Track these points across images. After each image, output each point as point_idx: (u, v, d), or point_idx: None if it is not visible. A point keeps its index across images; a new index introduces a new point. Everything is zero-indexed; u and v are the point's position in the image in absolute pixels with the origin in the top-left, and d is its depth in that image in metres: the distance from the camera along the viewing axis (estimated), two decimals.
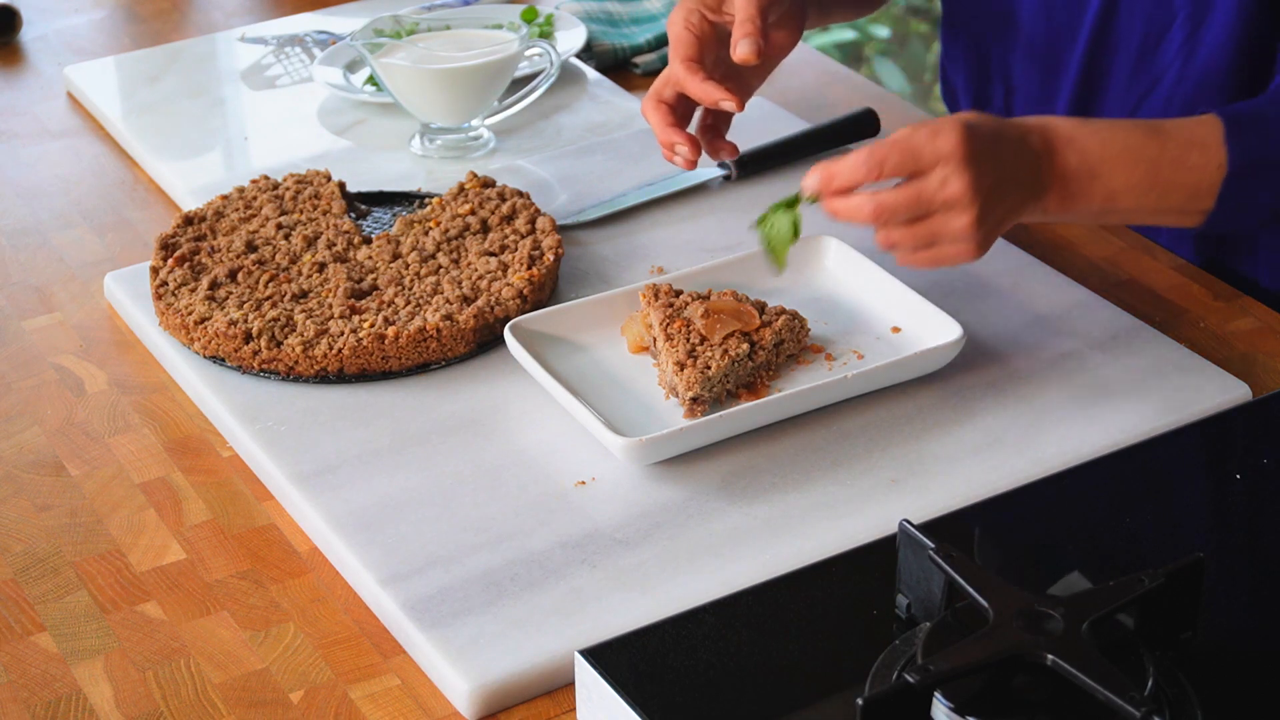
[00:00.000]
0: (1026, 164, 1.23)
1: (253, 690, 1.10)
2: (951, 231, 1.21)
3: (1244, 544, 1.13)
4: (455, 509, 1.21)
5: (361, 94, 1.73)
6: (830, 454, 1.25)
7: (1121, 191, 1.26)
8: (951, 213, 1.20)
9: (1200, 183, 1.27)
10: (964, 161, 1.19)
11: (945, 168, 1.19)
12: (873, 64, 3.65)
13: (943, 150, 1.19)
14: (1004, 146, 1.22)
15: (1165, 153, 1.26)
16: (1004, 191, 1.22)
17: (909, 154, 1.19)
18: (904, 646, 1.00)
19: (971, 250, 1.22)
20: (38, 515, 1.25)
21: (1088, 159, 1.25)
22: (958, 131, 1.19)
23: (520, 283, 1.38)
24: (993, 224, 1.22)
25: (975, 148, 1.20)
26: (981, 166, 1.20)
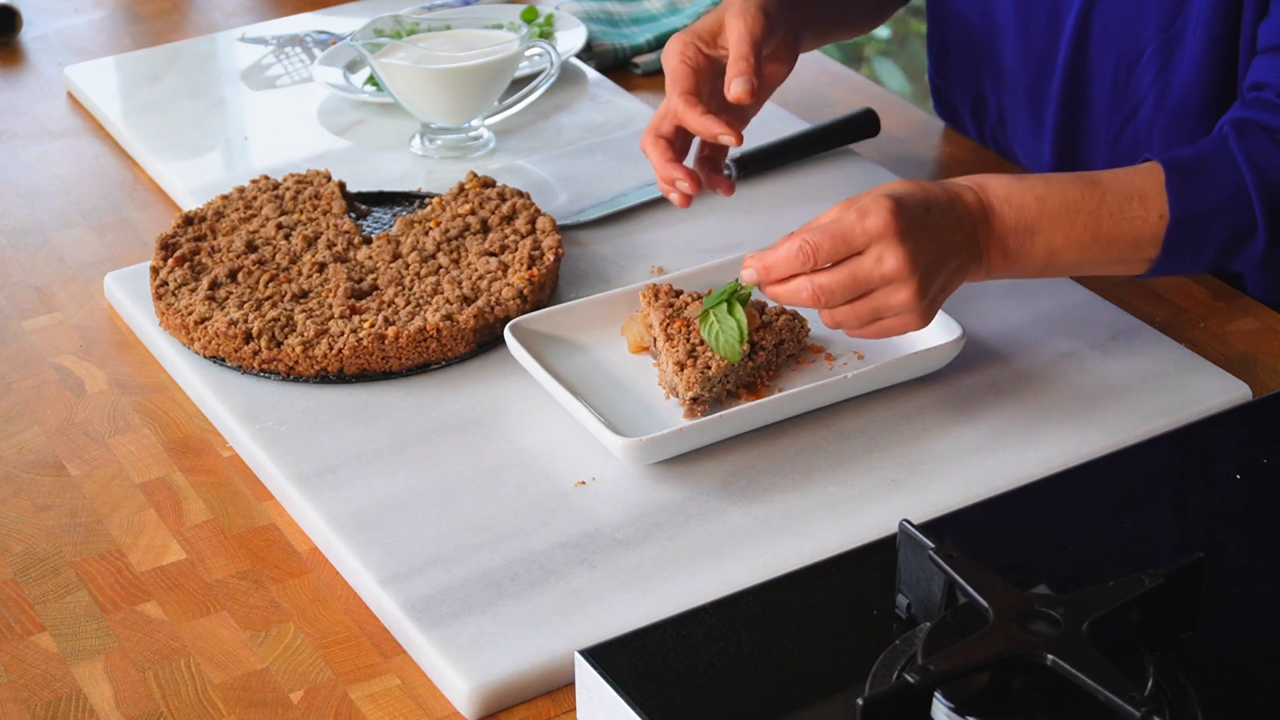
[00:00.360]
0: (961, 228, 1.24)
1: (253, 690, 1.10)
2: (894, 306, 1.22)
3: (1244, 544, 1.13)
4: (455, 509, 1.21)
5: (361, 94, 1.73)
6: (830, 454, 1.25)
7: (1063, 247, 1.26)
8: (891, 288, 1.21)
9: (1142, 233, 1.28)
10: (897, 238, 1.20)
11: (879, 246, 1.20)
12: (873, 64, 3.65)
13: (873, 230, 1.20)
14: (935, 215, 1.23)
15: (1104, 205, 1.27)
16: (941, 260, 1.23)
17: (840, 239, 1.20)
18: (904, 646, 1.00)
19: (916, 321, 1.23)
20: (38, 515, 1.25)
21: (1025, 216, 1.25)
22: (887, 209, 1.20)
23: (520, 283, 1.38)
24: (935, 292, 1.23)
25: (906, 223, 1.20)
26: (917, 240, 1.21)
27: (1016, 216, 1.25)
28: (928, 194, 1.23)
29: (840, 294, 1.21)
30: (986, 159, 1.67)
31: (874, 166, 1.61)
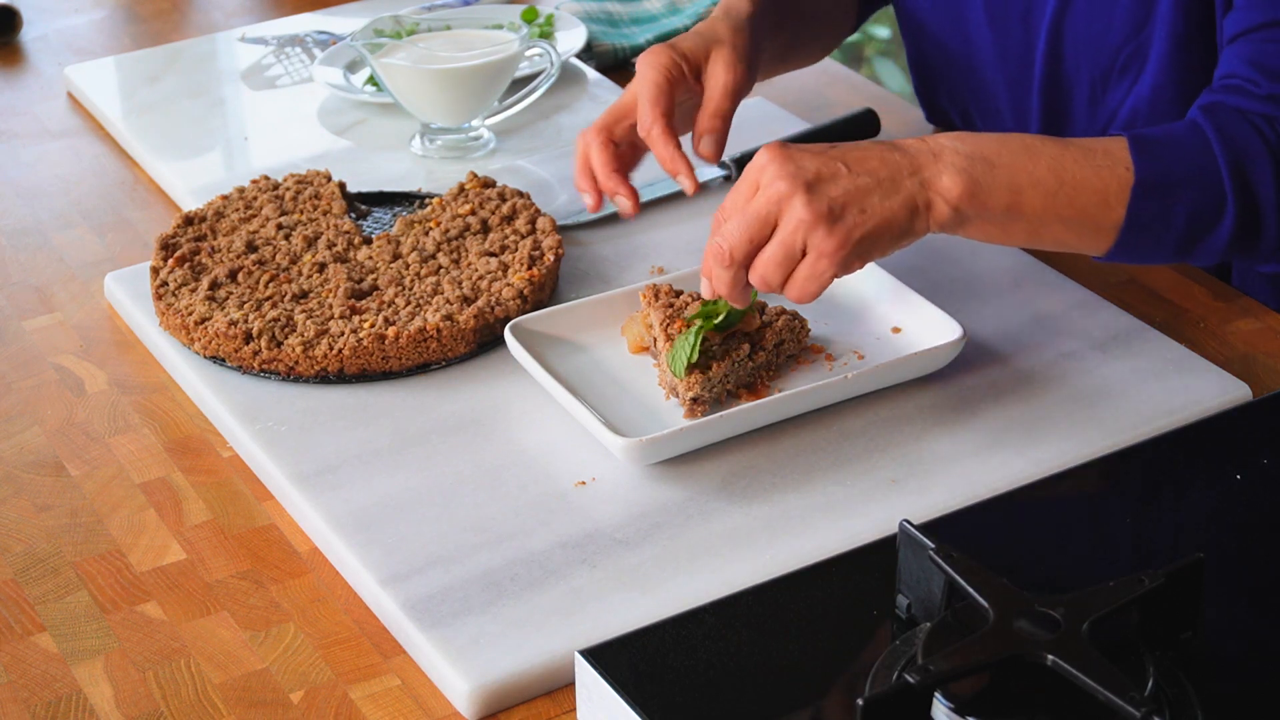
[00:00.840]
0: (879, 155, 1.21)
1: (253, 690, 1.10)
2: (794, 226, 1.18)
3: (1244, 544, 1.13)
4: (455, 509, 1.21)
5: (362, 94, 1.73)
6: (830, 454, 1.25)
7: (1027, 186, 1.22)
8: (784, 209, 1.19)
9: (1109, 185, 1.24)
10: (778, 161, 1.20)
11: (764, 178, 1.20)
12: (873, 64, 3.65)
13: (757, 165, 1.21)
14: (840, 150, 1.21)
15: (1067, 152, 1.24)
16: (844, 177, 1.19)
17: (735, 192, 1.21)
18: (904, 647, 1.00)
19: (830, 240, 1.18)
20: (38, 515, 1.25)
21: (982, 147, 1.22)
22: (767, 148, 1.21)
23: (520, 283, 1.38)
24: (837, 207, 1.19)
25: (788, 151, 1.20)
26: (800, 161, 1.19)
27: (972, 146, 1.22)
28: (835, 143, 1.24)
29: (740, 235, 1.20)
30: None
31: None
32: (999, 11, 1.52)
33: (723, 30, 1.38)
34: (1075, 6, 1.45)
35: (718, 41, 1.36)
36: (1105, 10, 1.44)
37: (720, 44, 1.36)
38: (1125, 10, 1.42)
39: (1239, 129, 1.28)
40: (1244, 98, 1.30)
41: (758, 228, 1.20)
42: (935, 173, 1.21)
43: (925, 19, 1.61)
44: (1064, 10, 1.46)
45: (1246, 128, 1.28)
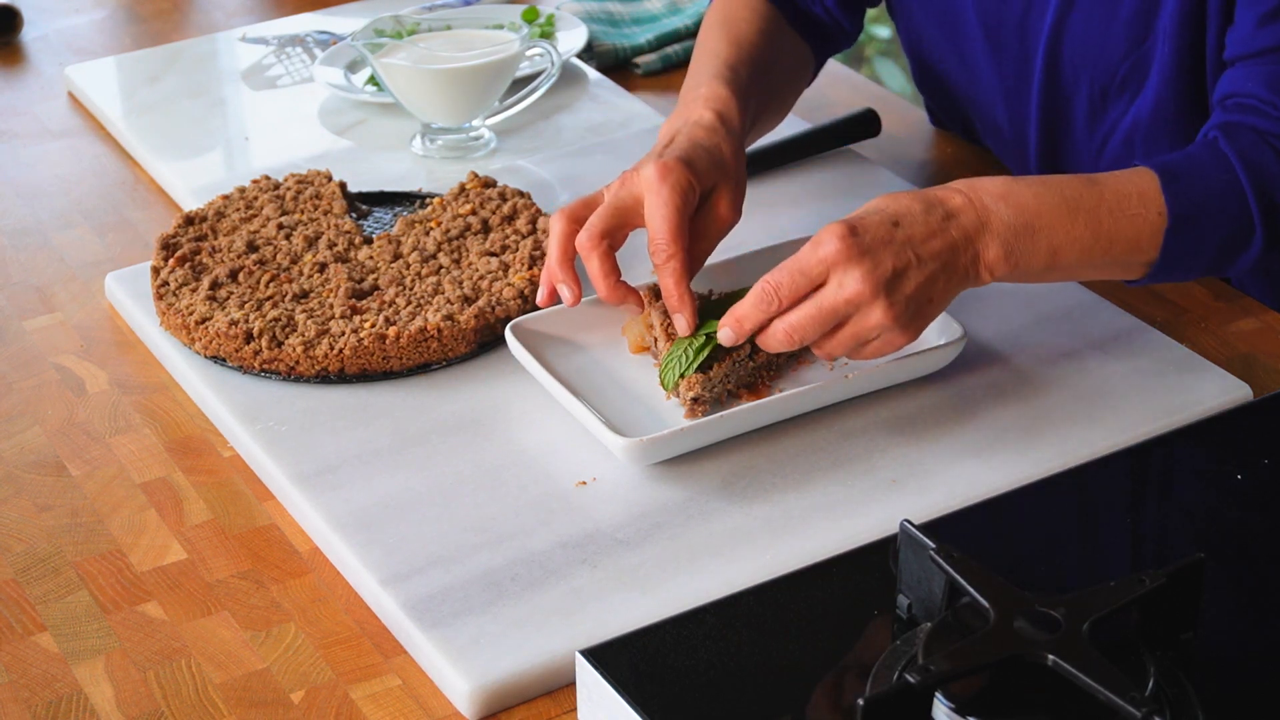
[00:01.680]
0: (941, 234, 1.22)
1: (253, 690, 1.10)
2: (871, 327, 1.21)
3: (1244, 544, 1.13)
4: (456, 509, 1.21)
5: (362, 94, 1.73)
6: (831, 454, 1.25)
7: (1065, 245, 1.25)
8: (861, 312, 1.20)
9: (1142, 231, 1.26)
10: (852, 260, 1.19)
11: (837, 273, 1.19)
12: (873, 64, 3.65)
13: (828, 258, 1.19)
14: (904, 228, 1.21)
15: (1103, 202, 1.26)
16: (914, 271, 1.20)
17: (798, 274, 1.20)
18: (905, 647, 1.00)
19: (900, 337, 1.22)
20: (38, 515, 1.25)
21: (1024, 214, 1.24)
22: (838, 234, 1.19)
23: (521, 283, 1.38)
24: (915, 305, 1.21)
25: (861, 243, 1.19)
26: (876, 257, 1.19)
27: (1015, 214, 1.24)
28: (899, 206, 1.22)
29: (813, 329, 1.20)
30: (988, 159, 1.67)
31: (874, 166, 1.61)
32: (995, 26, 1.51)
33: (727, 153, 1.33)
34: (1073, 20, 1.45)
35: (725, 173, 1.32)
36: (1103, 24, 1.43)
37: (727, 178, 1.32)
38: (1124, 24, 1.42)
39: (1261, 154, 1.29)
40: (1262, 119, 1.31)
41: (833, 322, 1.21)
42: (984, 245, 1.23)
43: (922, 34, 1.61)
44: (1062, 24, 1.46)
45: (1269, 152, 1.29)
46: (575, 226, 1.30)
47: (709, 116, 1.35)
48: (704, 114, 1.35)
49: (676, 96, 1.76)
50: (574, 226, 1.30)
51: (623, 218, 1.29)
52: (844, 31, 1.59)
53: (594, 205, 1.31)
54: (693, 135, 1.33)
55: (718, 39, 1.47)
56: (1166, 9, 1.38)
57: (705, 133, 1.33)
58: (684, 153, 1.29)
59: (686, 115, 1.36)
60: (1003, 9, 1.49)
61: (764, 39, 1.49)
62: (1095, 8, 1.43)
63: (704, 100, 1.37)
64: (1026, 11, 1.48)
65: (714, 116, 1.35)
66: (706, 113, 1.35)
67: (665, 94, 1.79)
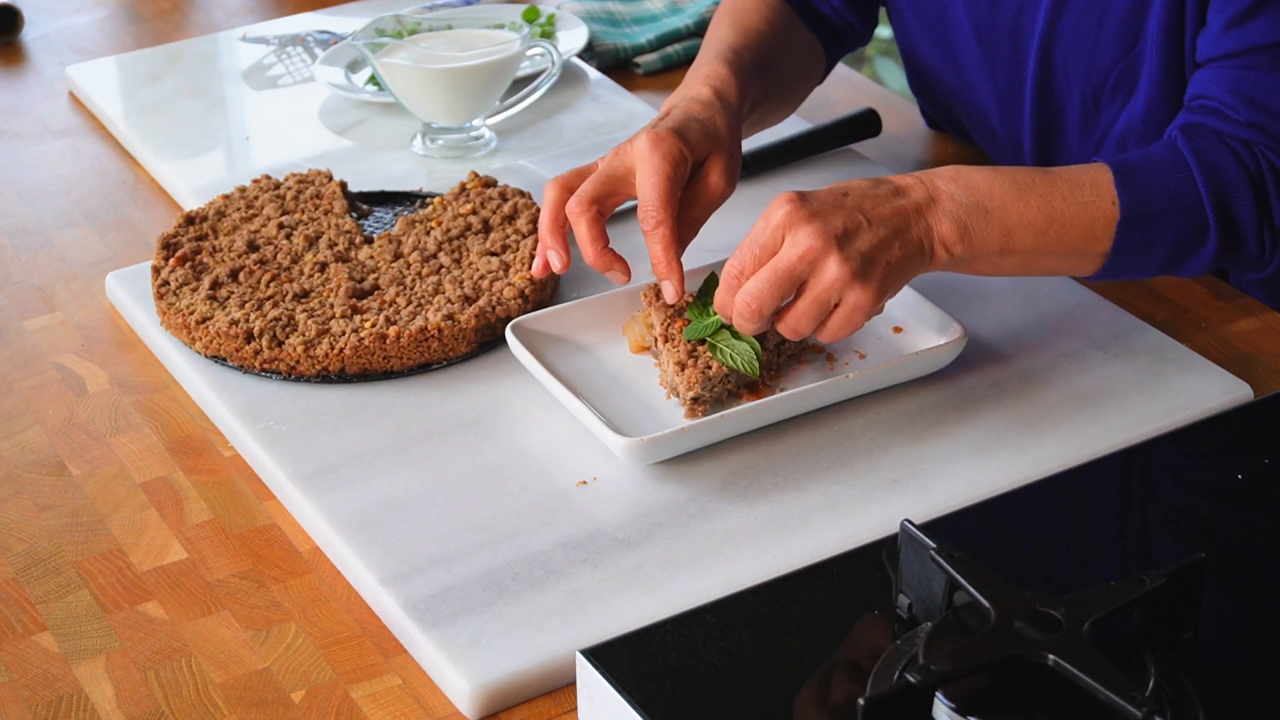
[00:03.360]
0: (889, 203, 1.23)
1: (254, 690, 1.10)
2: (828, 284, 1.20)
3: (1244, 544, 1.13)
4: (457, 509, 1.21)
5: (363, 94, 1.74)
6: (831, 454, 1.25)
7: (1017, 227, 1.25)
8: (816, 268, 1.20)
9: (1095, 220, 1.27)
10: (802, 218, 1.20)
11: (790, 234, 1.20)
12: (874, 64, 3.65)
13: (780, 221, 1.20)
14: (854, 196, 1.22)
15: (1056, 188, 1.26)
16: (866, 231, 1.21)
17: (756, 247, 1.21)
18: (905, 646, 1.00)
19: (863, 293, 1.20)
20: (39, 515, 1.25)
21: (975, 194, 1.24)
22: (786, 199, 1.21)
23: (522, 282, 1.38)
24: (868, 261, 1.20)
25: (810, 205, 1.21)
26: (825, 216, 1.20)
27: (966, 193, 1.24)
28: (846, 184, 1.24)
29: (771, 293, 1.20)
30: (985, 160, 1.67)
31: (875, 166, 1.61)
32: (987, 31, 1.52)
33: (721, 126, 1.34)
34: (1064, 26, 1.45)
35: (719, 144, 1.33)
36: (1094, 30, 1.43)
37: (720, 148, 1.33)
38: (1114, 29, 1.42)
39: (1218, 155, 1.29)
40: (1222, 121, 1.31)
41: (790, 285, 1.21)
42: (935, 219, 1.24)
43: (916, 39, 1.61)
44: (1053, 29, 1.46)
45: (1225, 153, 1.29)
46: (566, 194, 1.32)
47: (706, 92, 1.37)
48: (701, 90, 1.38)
49: None
50: (565, 194, 1.32)
51: (613, 186, 1.31)
52: (855, 31, 1.60)
53: (586, 174, 1.33)
54: (688, 109, 1.35)
55: (725, 27, 1.49)
56: (1154, 15, 1.38)
57: (701, 107, 1.35)
58: (677, 124, 1.32)
59: (685, 92, 1.39)
60: (994, 14, 1.50)
61: (771, 29, 1.51)
62: (1086, 13, 1.43)
63: (704, 78, 1.39)
64: (1018, 16, 1.48)
65: (711, 92, 1.37)
66: (704, 89, 1.38)
67: (666, 94, 1.78)
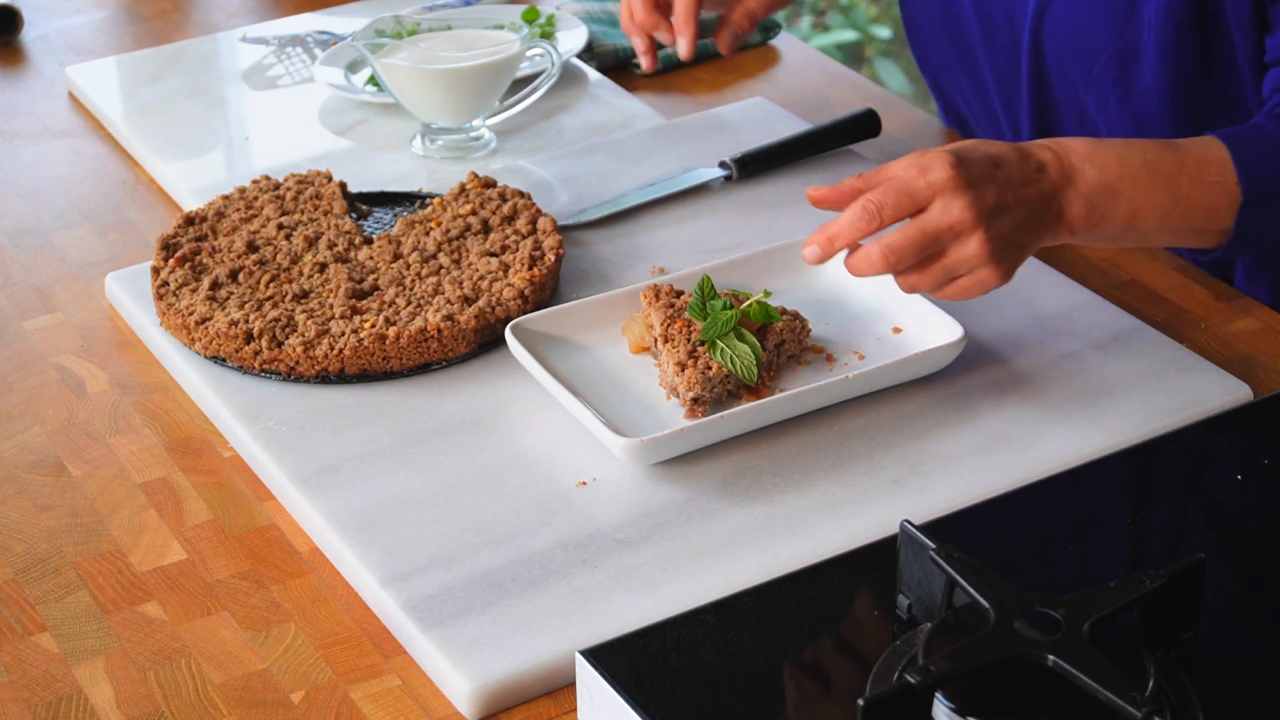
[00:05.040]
0: (1033, 183, 1.23)
1: (254, 690, 1.10)
2: (966, 259, 1.21)
3: (1245, 544, 1.13)
4: (456, 509, 1.21)
5: (363, 94, 1.73)
6: (831, 454, 1.25)
7: (1144, 209, 1.26)
8: (960, 240, 1.20)
9: (1219, 200, 1.28)
10: (961, 188, 1.20)
11: (943, 198, 1.20)
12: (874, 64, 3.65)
13: (937, 183, 1.20)
14: (1005, 168, 1.22)
15: (1183, 168, 1.27)
16: (1012, 211, 1.22)
17: (904, 194, 1.20)
18: (905, 647, 1.00)
19: (993, 273, 1.22)
20: (39, 515, 1.25)
21: (1108, 175, 1.25)
22: (949, 161, 1.20)
23: (521, 283, 1.38)
24: (1009, 244, 1.22)
25: (969, 172, 1.20)
26: (980, 189, 1.20)
27: (1099, 175, 1.25)
28: (996, 149, 1.24)
29: (911, 252, 1.20)
30: None
31: (875, 167, 1.61)
32: (986, 14, 1.53)
33: None
34: (1054, 9, 1.46)
35: None
36: (1085, 14, 1.44)
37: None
38: (1106, 14, 1.42)
39: None
40: None
41: (931, 249, 1.21)
42: (1068, 201, 1.24)
43: (921, 24, 1.61)
44: (1043, 12, 1.46)
45: None
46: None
47: None
48: None
49: (676, 97, 1.77)
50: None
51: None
52: None
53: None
54: None
55: None
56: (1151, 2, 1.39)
57: None
58: None
59: None
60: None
61: None
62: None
63: None
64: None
65: None
66: None
67: (665, 94, 1.79)
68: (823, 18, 3.73)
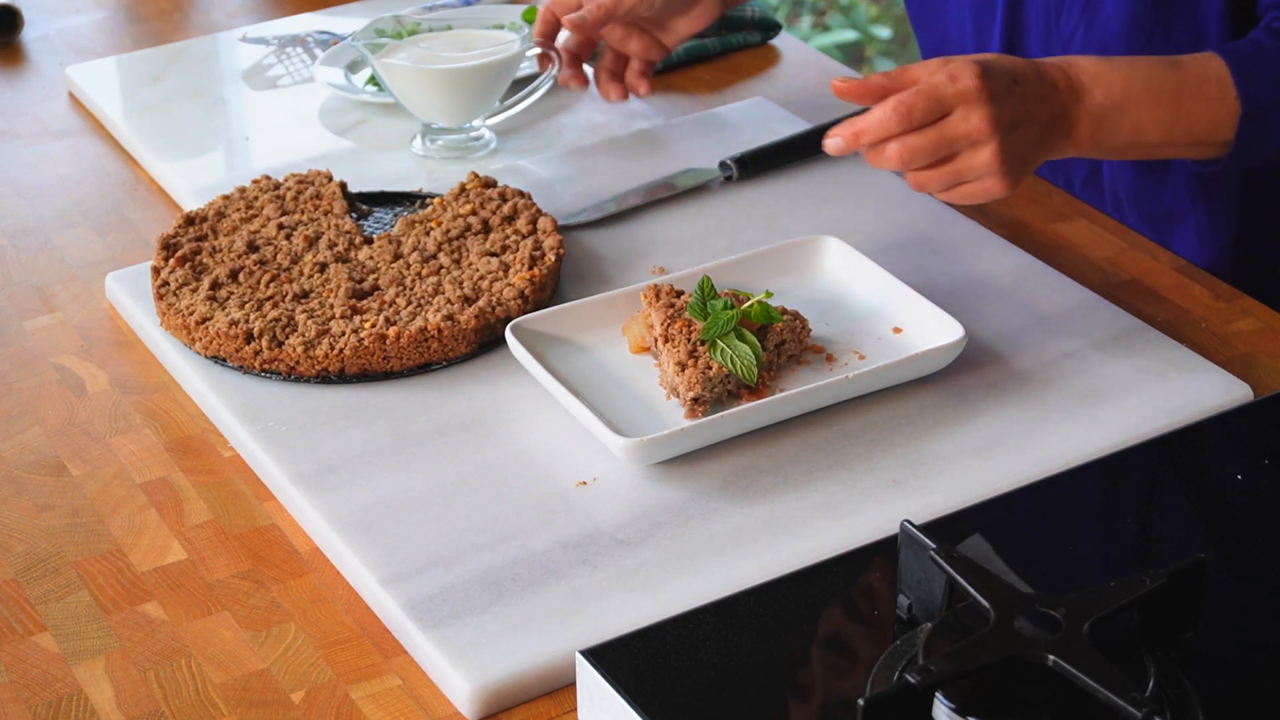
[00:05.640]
0: (1046, 102, 1.28)
1: (254, 690, 1.10)
2: (976, 166, 1.26)
3: (1245, 544, 1.13)
4: (456, 509, 1.21)
5: (363, 94, 1.73)
6: (831, 454, 1.25)
7: (1149, 125, 1.31)
8: (974, 148, 1.25)
9: (1219, 115, 1.32)
10: (984, 98, 1.24)
11: (966, 105, 1.24)
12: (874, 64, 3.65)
13: (963, 90, 1.24)
14: (1023, 85, 1.27)
15: (1185, 85, 1.32)
16: (1025, 127, 1.26)
17: (934, 99, 1.24)
18: (905, 647, 1.00)
19: (999, 183, 1.27)
20: (39, 515, 1.25)
21: (1113, 95, 1.30)
22: (975, 72, 1.25)
23: (521, 283, 1.38)
24: (1017, 158, 1.26)
25: (994, 85, 1.25)
26: (1000, 103, 1.25)
27: (1105, 95, 1.30)
28: (1015, 65, 1.28)
29: (926, 154, 1.25)
30: None
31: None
32: None
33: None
34: None
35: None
36: None
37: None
38: None
39: None
40: None
41: (945, 152, 1.25)
42: (1076, 118, 1.30)
43: None
44: None
45: None
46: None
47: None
48: None
49: (677, 96, 1.76)
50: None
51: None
52: None
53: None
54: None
55: None
56: None
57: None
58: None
59: None
60: None
61: None
62: None
63: None
64: None
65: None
66: None
67: (665, 94, 1.79)
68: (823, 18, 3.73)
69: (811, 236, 1.42)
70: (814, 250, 1.42)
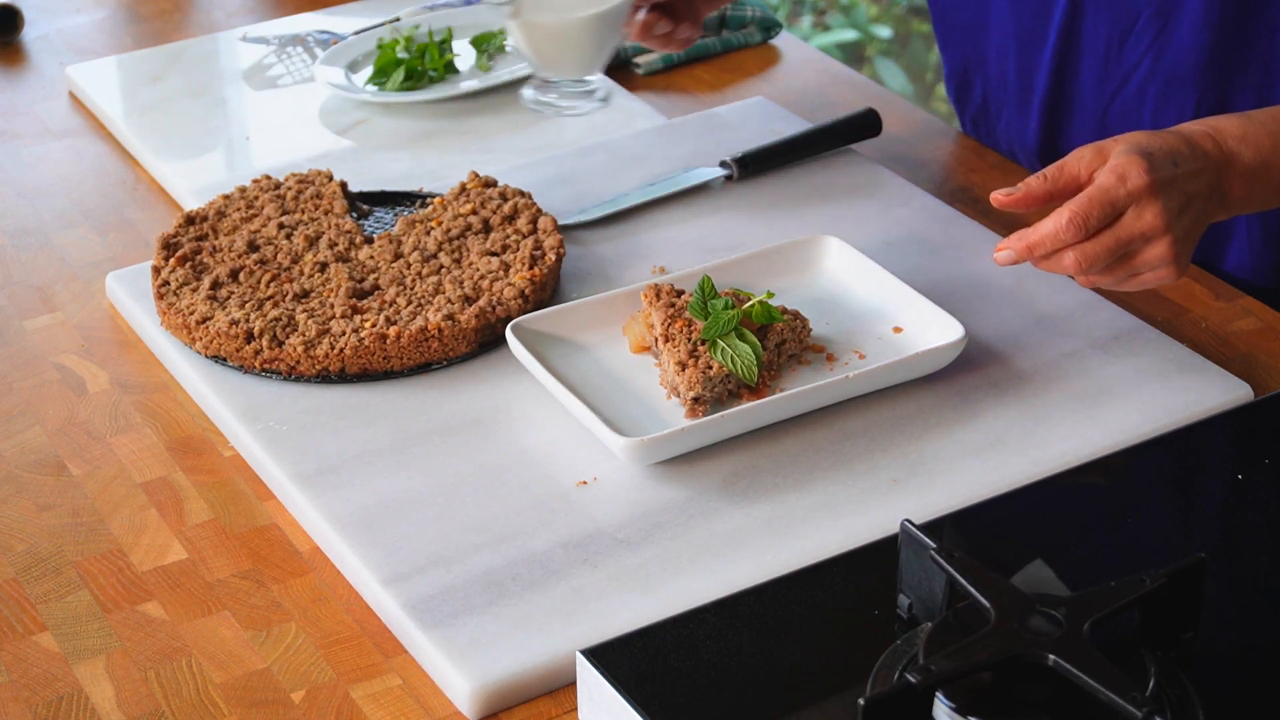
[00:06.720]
0: (1202, 175, 1.26)
1: (254, 690, 1.10)
2: (1150, 260, 1.24)
3: (1245, 544, 1.13)
4: (457, 509, 1.21)
5: (363, 94, 1.74)
6: (832, 454, 1.25)
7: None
8: (1149, 244, 1.23)
9: None
10: (1154, 193, 1.22)
11: (1138, 205, 1.22)
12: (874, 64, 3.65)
13: (1135, 189, 1.22)
14: (1181, 164, 1.25)
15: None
16: (1191, 208, 1.25)
17: (1108, 205, 1.22)
18: (905, 647, 1.00)
19: (1172, 271, 1.25)
20: (39, 515, 1.25)
21: (1262, 153, 1.29)
22: (1143, 166, 1.23)
23: (522, 282, 1.38)
24: (1187, 242, 1.25)
25: (1160, 176, 1.23)
26: (1168, 193, 1.23)
27: (1254, 154, 1.29)
28: (1170, 145, 1.26)
29: (1105, 259, 1.23)
30: (988, 159, 1.67)
31: (876, 166, 1.61)
32: None
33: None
34: None
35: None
36: None
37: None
38: None
39: None
40: None
41: (1121, 252, 1.23)
42: (1230, 184, 1.28)
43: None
44: None
45: None
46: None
47: None
48: None
49: (677, 96, 1.77)
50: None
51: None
52: None
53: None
54: None
55: None
56: None
57: None
58: None
59: None
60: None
61: None
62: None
63: None
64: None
65: None
66: None
67: (665, 94, 1.79)
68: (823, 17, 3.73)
69: (812, 236, 1.42)
70: (814, 250, 1.42)
